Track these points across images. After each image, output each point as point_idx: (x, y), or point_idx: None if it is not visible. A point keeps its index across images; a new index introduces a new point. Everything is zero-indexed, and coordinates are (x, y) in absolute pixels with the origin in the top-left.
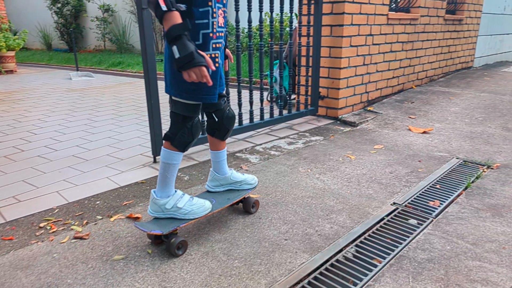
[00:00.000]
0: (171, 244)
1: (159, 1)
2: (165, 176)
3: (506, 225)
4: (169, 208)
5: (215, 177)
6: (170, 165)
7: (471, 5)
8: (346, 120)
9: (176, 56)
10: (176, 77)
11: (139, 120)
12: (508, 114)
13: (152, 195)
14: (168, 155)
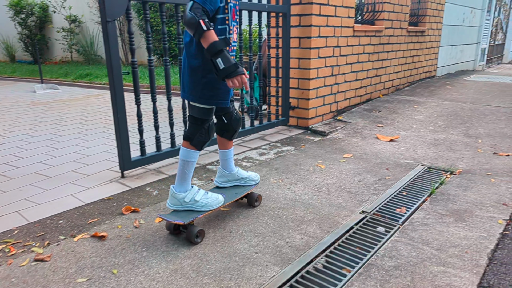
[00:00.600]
0: (191, 233)
1: (200, 22)
2: (184, 172)
3: (468, 229)
4: (187, 202)
5: (223, 174)
6: (189, 163)
7: (432, 17)
8: (316, 130)
9: (221, 67)
10: (195, 85)
11: (107, 134)
12: (469, 121)
13: (171, 190)
14: (187, 153)
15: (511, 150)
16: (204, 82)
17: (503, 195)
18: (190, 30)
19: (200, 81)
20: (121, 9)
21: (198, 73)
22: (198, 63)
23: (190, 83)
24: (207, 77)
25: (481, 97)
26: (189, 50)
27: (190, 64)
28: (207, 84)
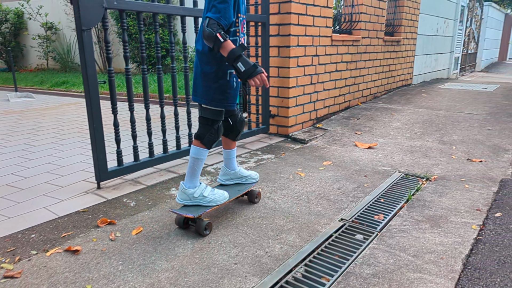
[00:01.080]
0: (200, 226)
1: (217, 36)
2: (194, 169)
3: (444, 235)
4: (196, 197)
5: (227, 172)
6: (199, 160)
7: (407, 27)
8: (296, 138)
9: (242, 69)
10: (208, 89)
11: (83, 144)
12: (443, 128)
13: (181, 186)
14: (198, 151)
15: (483, 156)
16: (216, 87)
17: (476, 200)
18: (209, 43)
19: (213, 86)
20: (97, 18)
21: (210, 79)
22: (211, 69)
23: (203, 87)
24: (218, 83)
25: (455, 104)
26: (202, 58)
27: (203, 70)
28: (218, 88)
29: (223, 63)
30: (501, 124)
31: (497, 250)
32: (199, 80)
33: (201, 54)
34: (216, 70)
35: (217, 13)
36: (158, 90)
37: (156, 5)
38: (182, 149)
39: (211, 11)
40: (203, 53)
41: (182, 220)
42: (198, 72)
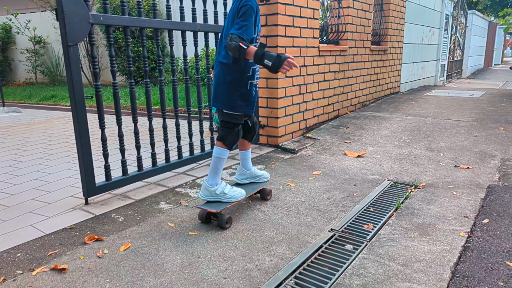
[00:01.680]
0: (222, 219)
1: (240, 45)
2: (216, 168)
3: (432, 243)
4: (218, 194)
5: (243, 172)
6: (221, 159)
7: (393, 37)
8: (286, 148)
9: (270, 64)
10: (231, 96)
11: (71, 158)
12: (431, 136)
13: (204, 184)
14: (220, 151)
15: (470, 162)
16: (238, 94)
17: (464, 207)
18: (235, 54)
19: (235, 93)
20: (83, 33)
21: (233, 87)
22: (233, 79)
23: (226, 95)
24: (240, 91)
25: (442, 111)
26: (224, 69)
27: (226, 80)
28: (240, 96)
29: (245, 74)
30: (487, 130)
31: (485, 257)
32: (221, 88)
33: (225, 65)
34: (238, 80)
35: (240, 29)
36: (146, 104)
37: (142, 20)
38: (172, 162)
39: (235, 27)
40: (227, 64)
41: (205, 215)
42: (221, 82)
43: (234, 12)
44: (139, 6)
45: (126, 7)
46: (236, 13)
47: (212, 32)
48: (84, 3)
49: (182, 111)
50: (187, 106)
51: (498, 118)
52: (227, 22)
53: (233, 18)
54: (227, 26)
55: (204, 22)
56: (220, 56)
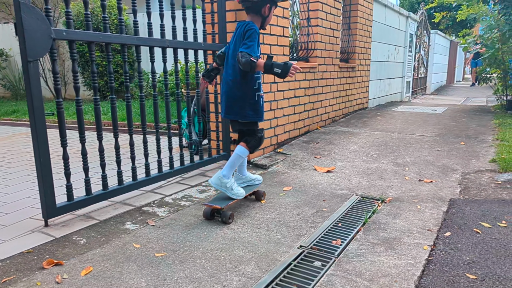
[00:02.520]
0: (225, 215)
1: (250, 59)
2: (234, 164)
3: (397, 257)
4: (227, 187)
5: (240, 177)
6: (240, 157)
7: (361, 54)
8: (257, 163)
9: (279, 71)
10: (242, 108)
11: (31, 177)
12: (397, 150)
13: (219, 173)
14: (242, 150)
15: (434, 176)
16: (248, 105)
17: (427, 221)
18: (246, 68)
19: (246, 105)
20: (45, 49)
21: (243, 100)
22: (243, 93)
23: (239, 107)
24: (249, 102)
25: (407, 127)
26: (233, 85)
27: (236, 94)
28: (250, 106)
29: (252, 88)
30: (449, 145)
31: (447, 270)
32: (233, 102)
33: (234, 82)
34: (247, 93)
35: (248, 48)
36: (112, 120)
37: (108, 35)
38: (139, 180)
39: (243, 47)
40: (236, 81)
41: (209, 212)
42: (231, 96)
43: (240, 35)
44: (104, 21)
45: (90, 22)
46: (242, 36)
47: (182, 48)
48: (46, 18)
49: (152, 126)
50: (155, 122)
51: (459, 133)
52: (233, 45)
53: (240, 41)
54: (234, 48)
55: (173, 38)
56: (228, 74)
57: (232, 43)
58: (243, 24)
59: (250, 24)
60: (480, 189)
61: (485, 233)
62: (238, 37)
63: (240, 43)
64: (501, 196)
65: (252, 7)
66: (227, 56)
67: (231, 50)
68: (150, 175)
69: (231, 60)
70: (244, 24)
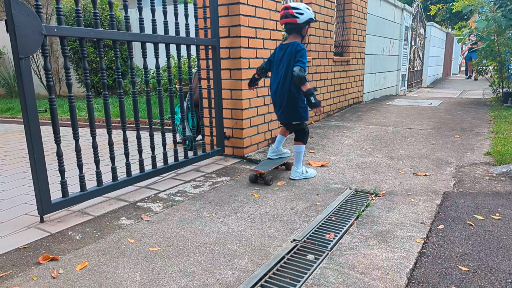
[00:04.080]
0: (267, 179)
1: (306, 77)
2: (299, 158)
3: (390, 250)
4: (303, 173)
5: (275, 150)
6: (301, 152)
7: (355, 48)
8: (252, 159)
9: (313, 101)
10: (305, 110)
11: (27, 174)
12: (391, 144)
13: (294, 169)
14: (300, 147)
15: (428, 170)
16: (300, 109)
17: (421, 214)
18: (298, 80)
19: (300, 109)
20: (36, 45)
21: (297, 106)
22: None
23: (295, 112)
24: (301, 107)
25: (402, 120)
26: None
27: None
28: (302, 109)
29: (302, 95)
30: (444, 138)
31: (439, 262)
32: (289, 110)
33: (291, 94)
34: (298, 100)
35: (303, 64)
36: (105, 117)
37: (100, 31)
38: (133, 176)
39: (298, 63)
40: (292, 93)
41: (254, 176)
42: (287, 106)
43: (292, 54)
44: (95, 17)
45: (81, 18)
46: (295, 54)
47: (174, 44)
48: (37, 14)
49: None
50: (148, 118)
51: (454, 126)
52: (287, 61)
53: (293, 58)
54: (287, 63)
55: (165, 34)
56: (283, 89)
57: (286, 60)
58: (293, 44)
59: (300, 44)
60: (475, 182)
61: (478, 226)
62: (291, 55)
63: (293, 61)
64: (495, 189)
65: (295, 29)
66: (285, 71)
67: (284, 68)
68: (144, 171)
69: (284, 75)
70: (294, 45)
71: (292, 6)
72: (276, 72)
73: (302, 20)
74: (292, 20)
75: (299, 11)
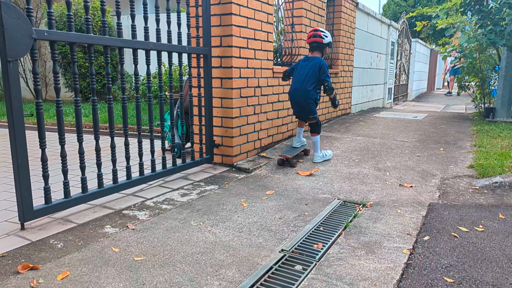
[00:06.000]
0: (292, 162)
1: (334, 87)
2: (317, 145)
3: (377, 261)
4: (323, 156)
5: (299, 140)
6: (317, 142)
7: (344, 61)
8: (241, 167)
9: (337, 103)
10: (313, 109)
11: (8, 180)
12: (378, 156)
13: (315, 154)
14: (316, 137)
15: (414, 181)
16: (312, 107)
17: (407, 225)
18: (330, 91)
19: (314, 107)
20: (25, 49)
21: (314, 102)
22: (314, 98)
23: (311, 109)
24: (315, 104)
25: (388, 132)
26: (310, 93)
27: (312, 99)
28: (316, 105)
29: (318, 94)
30: (429, 150)
31: (425, 273)
32: (306, 105)
33: (310, 91)
34: (316, 98)
35: (329, 77)
36: (93, 122)
37: (91, 37)
38: (120, 183)
39: (326, 78)
40: (311, 91)
41: (281, 160)
42: (305, 102)
43: (315, 66)
44: (87, 22)
45: (73, 23)
46: (319, 68)
47: (166, 51)
48: (27, 18)
49: (134, 129)
50: (137, 124)
51: (438, 139)
52: (310, 68)
53: (316, 70)
54: (311, 70)
55: (157, 41)
56: (302, 89)
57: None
58: (317, 58)
59: (323, 60)
60: (459, 194)
61: (462, 237)
62: (315, 66)
63: (316, 72)
64: (478, 201)
65: (319, 47)
66: (306, 75)
67: (306, 72)
68: (131, 178)
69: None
70: (318, 60)
71: (320, 29)
72: (299, 75)
73: (326, 41)
74: (319, 40)
75: (325, 34)
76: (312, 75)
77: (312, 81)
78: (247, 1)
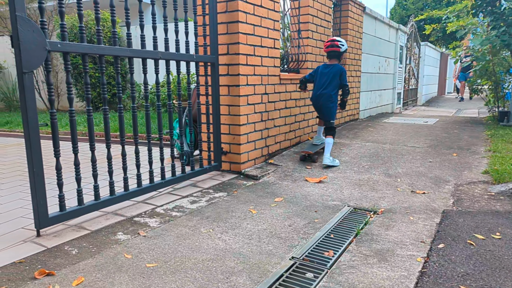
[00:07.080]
0: (313, 158)
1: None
2: (330, 148)
3: (390, 269)
4: (332, 160)
5: (319, 138)
6: (331, 144)
7: (352, 66)
8: (249, 174)
9: (345, 106)
10: (333, 113)
11: (24, 188)
12: (388, 162)
13: (325, 155)
14: (331, 140)
15: (426, 188)
16: (335, 110)
17: (420, 232)
18: (348, 94)
19: (334, 111)
20: (39, 60)
21: (334, 108)
22: (334, 104)
23: (331, 113)
24: (335, 108)
25: (398, 138)
26: (331, 98)
27: (331, 105)
28: (335, 111)
29: (337, 99)
30: (441, 156)
31: (441, 282)
32: (328, 109)
33: (332, 96)
34: (337, 102)
35: (347, 82)
36: (105, 131)
37: (102, 47)
38: (131, 191)
39: (346, 83)
40: (333, 95)
41: (303, 156)
42: (328, 106)
43: (337, 71)
44: (98, 33)
45: (84, 34)
46: (339, 74)
47: (174, 60)
48: (41, 30)
49: (144, 137)
50: (147, 133)
51: (451, 145)
52: (332, 75)
53: (336, 76)
54: (332, 76)
55: (165, 50)
56: (324, 94)
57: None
58: (337, 65)
59: (342, 67)
60: (473, 200)
61: (479, 245)
62: (336, 72)
63: (337, 78)
64: (494, 208)
65: (336, 55)
66: (326, 81)
67: (329, 79)
68: (141, 186)
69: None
70: (338, 67)
71: (337, 39)
72: (320, 81)
73: (342, 49)
74: (336, 49)
75: (341, 43)
76: (333, 80)
77: (334, 86)
78: (253, 8)
